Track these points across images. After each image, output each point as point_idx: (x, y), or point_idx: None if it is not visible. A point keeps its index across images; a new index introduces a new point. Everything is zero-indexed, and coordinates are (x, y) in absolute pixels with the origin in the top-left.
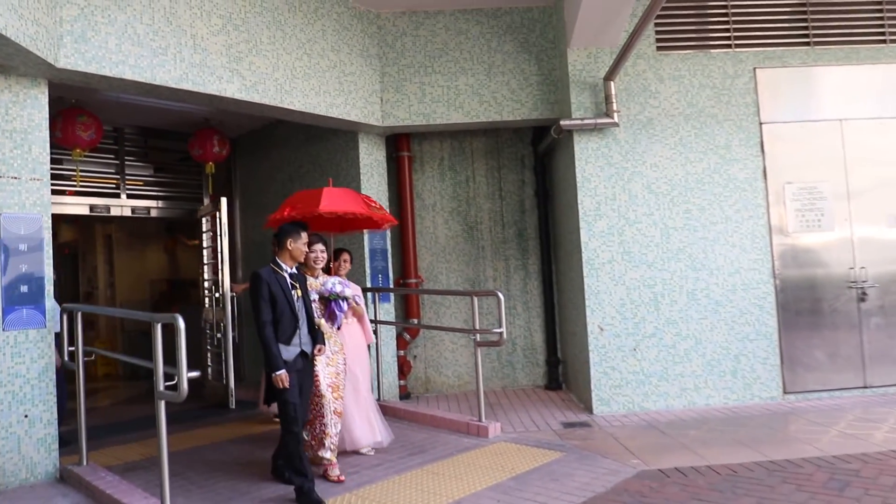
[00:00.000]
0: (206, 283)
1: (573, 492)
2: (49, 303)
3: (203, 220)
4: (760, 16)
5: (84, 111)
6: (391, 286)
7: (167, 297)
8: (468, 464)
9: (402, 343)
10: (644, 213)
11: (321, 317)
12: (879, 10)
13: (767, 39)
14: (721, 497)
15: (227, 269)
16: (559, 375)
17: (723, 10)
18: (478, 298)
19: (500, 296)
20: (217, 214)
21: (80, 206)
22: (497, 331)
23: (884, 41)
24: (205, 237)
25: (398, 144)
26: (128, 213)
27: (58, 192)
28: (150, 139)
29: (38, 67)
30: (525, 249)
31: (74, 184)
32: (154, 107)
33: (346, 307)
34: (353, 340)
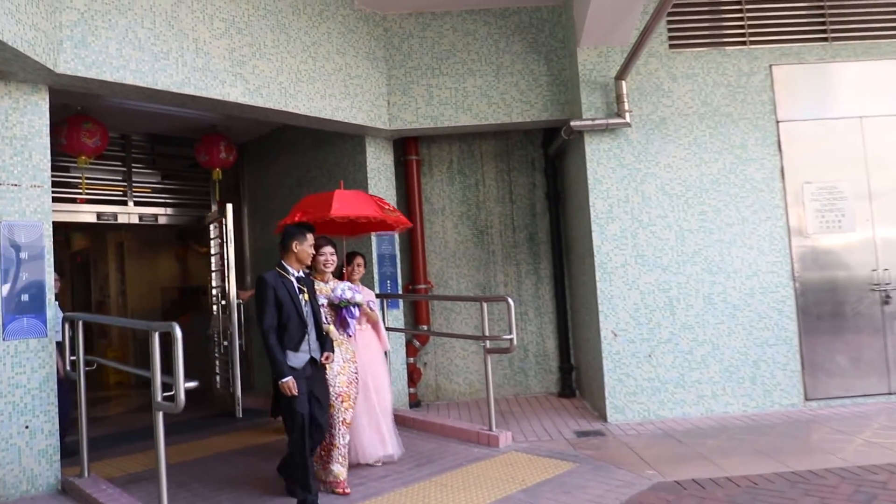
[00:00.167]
0: (215, 291)
1: None
2: (50, 312)
3: (211, 227)
4: (776, 11)
5: (89, 118)
6: (400, 292)
7: (179, 305)
8: (477, 475)
9: (412, 350)
10: (658, 216)
11: (330, 323)
12: None
13: (783, 35)
14: None
15: (234, 276)
16: (572, 382)
17: (737, 6)
18: (488, 304)
19: (510, 301)
20: (223, 221)
21: (88, 214)
22: (507, 337)
23: None
24: (213, 244)
25: (406, 148)
26: (135, 221)
27: (65, 200)
28: (158, 146)
29: (38, 73)
30: (536, 254)
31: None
32: (160, 113)
33: (359, 313)
34: (368, 348)
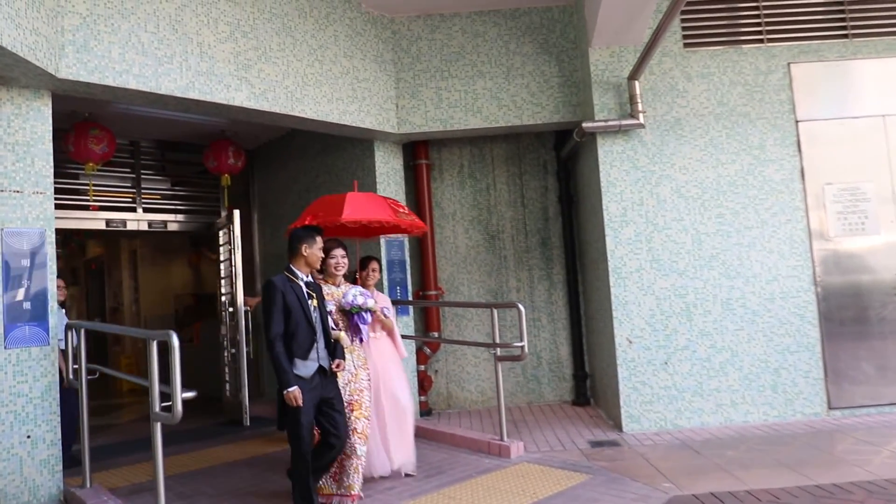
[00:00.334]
0: (224, 297)
1: None
2: (53, 320)
3: (220, 233)
4: (794, 8)
5: (96, 124)
6: (410, 298)
7: (192, 312)
8: (487, 487)
9: (423, 357)
10: (673, 219)
11: (341, 329)
12: None
13: (802, 33)
14: None
15: (241, 283)
16: (587, 390)
17: (754, 4)
18: (499, 310)
19: (521, 308)
20: (231, 227)
21: (97, 221)
22: (518, 345)
23: None
24: (222, 250)
25: (416, 152)
26: (144, 228)
27: (74, 207)
28: (167, 152)
29: (40, 78)
30: (549, 258)
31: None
32: (169, 119)
33: (371, 319)
34: (382, 356)
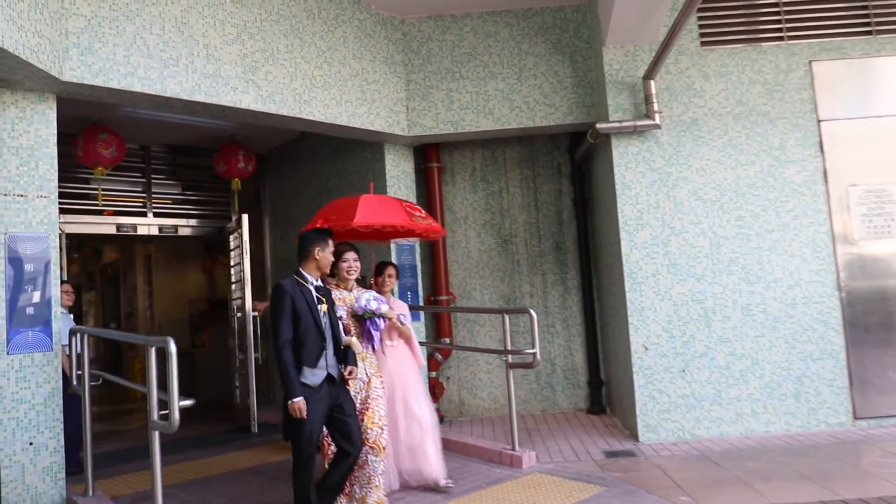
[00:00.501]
0: (235, 302)
1: None
2: (56, 325)
3: (230, 238)
4: (815, 4)
5: (105, 128)
6: (421, 304)
7: (206, 317)
8: (497, 499)
9: (434, 364)
10: (691, 222)
11: (353, 335)
12: None
13: (824, 30)
14: None
15: (249, 288)
16: (602, 398)
17: (773, 0)
18: (512, 316)
19: (533, 313)
20: (240, 232)
21: (107, 226)
22: (530, 351)
23: None
24: (232, 255)
25: (427, 155)
26: (154, 232)
27: (85, 212)
28: (178, 157)
29: (44, 81)
30: (563, 263)
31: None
32: (179, 123)
33: (384, 326)
34: (399, 364)
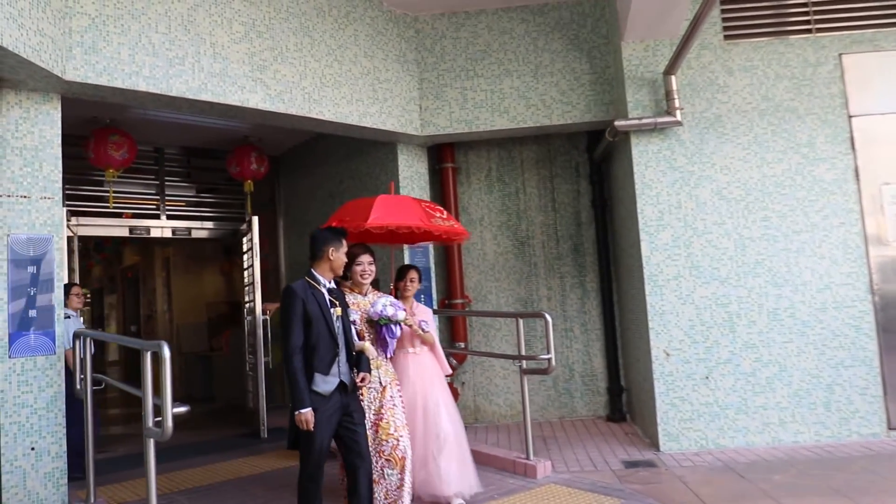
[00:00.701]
0: (247, 305)
1: None
2: (59, 328)
3: (244, 241)
4: None
5: (116, 130)
6: (434, 307)
7: (224, 319)
8: None
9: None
10: (714, 222)
11: (367, 340)
12: None
13: (854, 21)
14: None
15: (259, 290)
16: (622, 405)
17: None
18: (528, 320)
19: (548, 317)
20: (251, 234)
21: (120, 228)
22: (544, 357)
23: None
24: (245, 258)
25: (441, 155)
26: (168, 235)
27: (99, 214)
28: (193, 159)
29: (47, 81)
30: (582, 266)
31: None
32: (192, 125)
33: (400, 333)
34: (422, 373)
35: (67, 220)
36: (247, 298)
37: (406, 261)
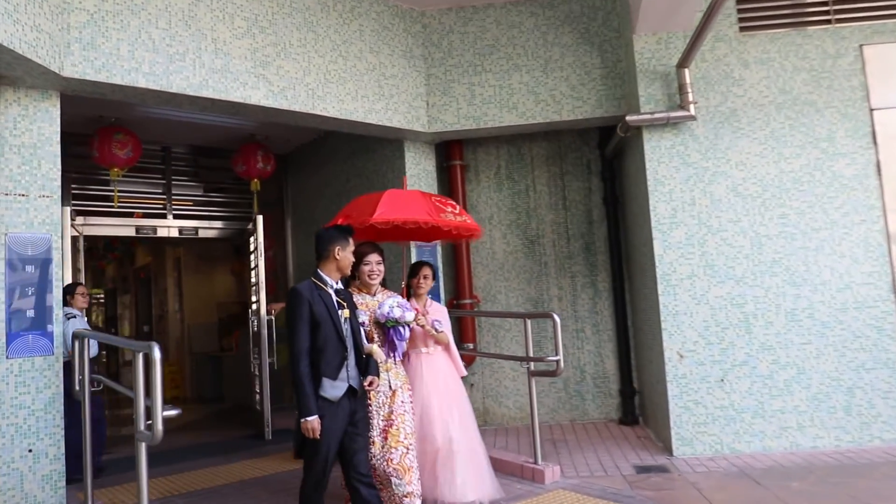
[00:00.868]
0: (254, 306)
1: None
2: (58, 328)
3: (251, 240)
4: None
5: (121, 129)
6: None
7: (235, 320)
8: None
9: None
10: (730, 220)
11: (374, 342)
12: None
13: (876, 11)
14: None
15: (263, 291)
16: (635, 408)
17: None
18: (537, 320)
19: (557, 318)
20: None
21: (126, 228)
22: (553, 359)
23: None
24: (252, 258)
25: (450, 153)
26: (175, 234)
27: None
28: (200, 158)
29: (45, 77)
30: (594, 265)
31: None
32: (198, 123)
33: (409, 335)
34: (436, 375)
35: (73, 220)
36: (253, 298)
37: (413, 259)
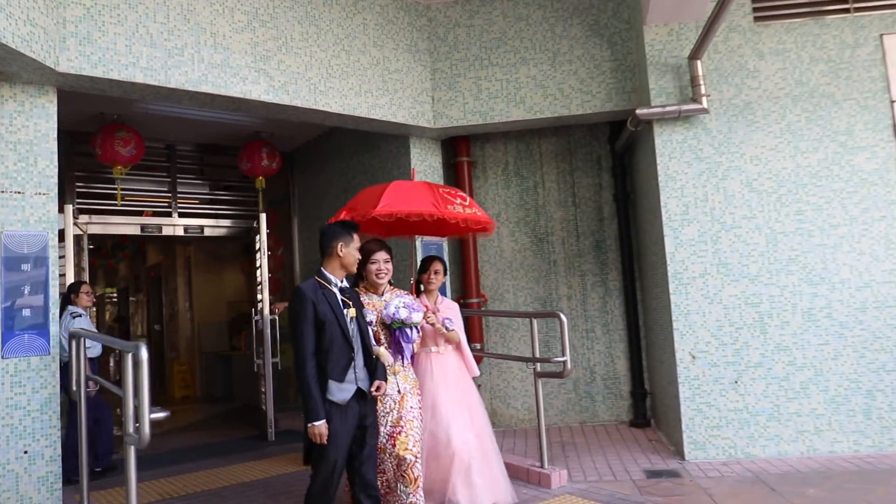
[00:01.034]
0: (259, 305)
1: None
2: (54, 328)
3: (256, 239)
4: None
5: (123, 126)
6: None
7: (245, 319)
8: None
9: None
10: (744, 216)
11: (381, 344)
12: None
13: None
14: None
15: (267, 290)
16: (647, 410)
17: None
18: (543, 320)
19: (563, 317)
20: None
21: (131, 226)
22: (559, 360)
23: None
24: (257, 256)
25: (457, 149)
26: (180, 233)
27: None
28: (204, 155)
29: (41, 73)
30: (604, 263)
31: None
32: (203, 120)
33: (416, 337)
34: (446, 376)
35: (76, 218)
36: (258, 297)
37: (419, 258)
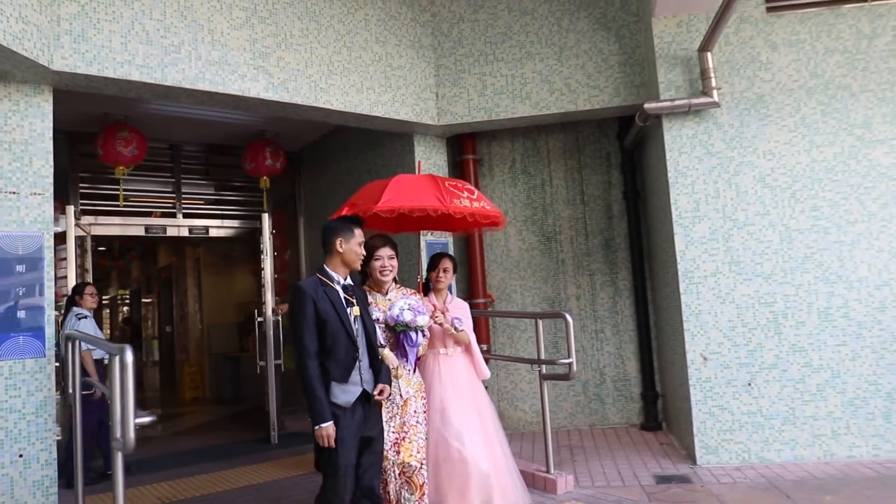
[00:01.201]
0: (264, 306)
1: None
2: (49, 330)
3: (261, 239)
4: None
5: (125, 126)
6: None
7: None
8: None
9: None
10: (757, 213)
11: (386, 345)
12: None
13: None
14: None
15: (270, 291)
16: (658, 413)
17: None
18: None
19: (569, 318)
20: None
21: (135, 227)
22: (564, 361)
23: None
24: (263, 257)
25: (462, 146)
26: (185, 234)
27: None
28: (209, 155)
29: (35, 71)
30: (613, 262)
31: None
32: (206, 120)
33: (422, 340)
34: (454, 379)
35: (78, 219)
36: (262, 299)
37: (423, 257)
